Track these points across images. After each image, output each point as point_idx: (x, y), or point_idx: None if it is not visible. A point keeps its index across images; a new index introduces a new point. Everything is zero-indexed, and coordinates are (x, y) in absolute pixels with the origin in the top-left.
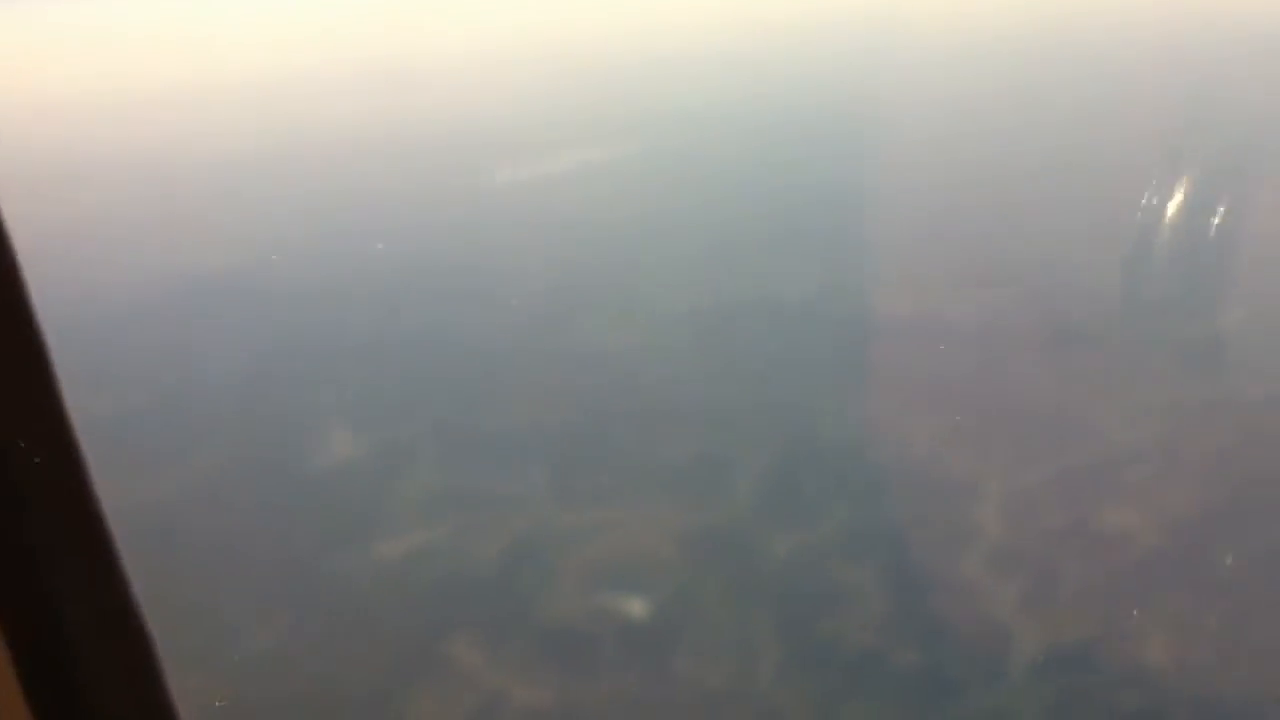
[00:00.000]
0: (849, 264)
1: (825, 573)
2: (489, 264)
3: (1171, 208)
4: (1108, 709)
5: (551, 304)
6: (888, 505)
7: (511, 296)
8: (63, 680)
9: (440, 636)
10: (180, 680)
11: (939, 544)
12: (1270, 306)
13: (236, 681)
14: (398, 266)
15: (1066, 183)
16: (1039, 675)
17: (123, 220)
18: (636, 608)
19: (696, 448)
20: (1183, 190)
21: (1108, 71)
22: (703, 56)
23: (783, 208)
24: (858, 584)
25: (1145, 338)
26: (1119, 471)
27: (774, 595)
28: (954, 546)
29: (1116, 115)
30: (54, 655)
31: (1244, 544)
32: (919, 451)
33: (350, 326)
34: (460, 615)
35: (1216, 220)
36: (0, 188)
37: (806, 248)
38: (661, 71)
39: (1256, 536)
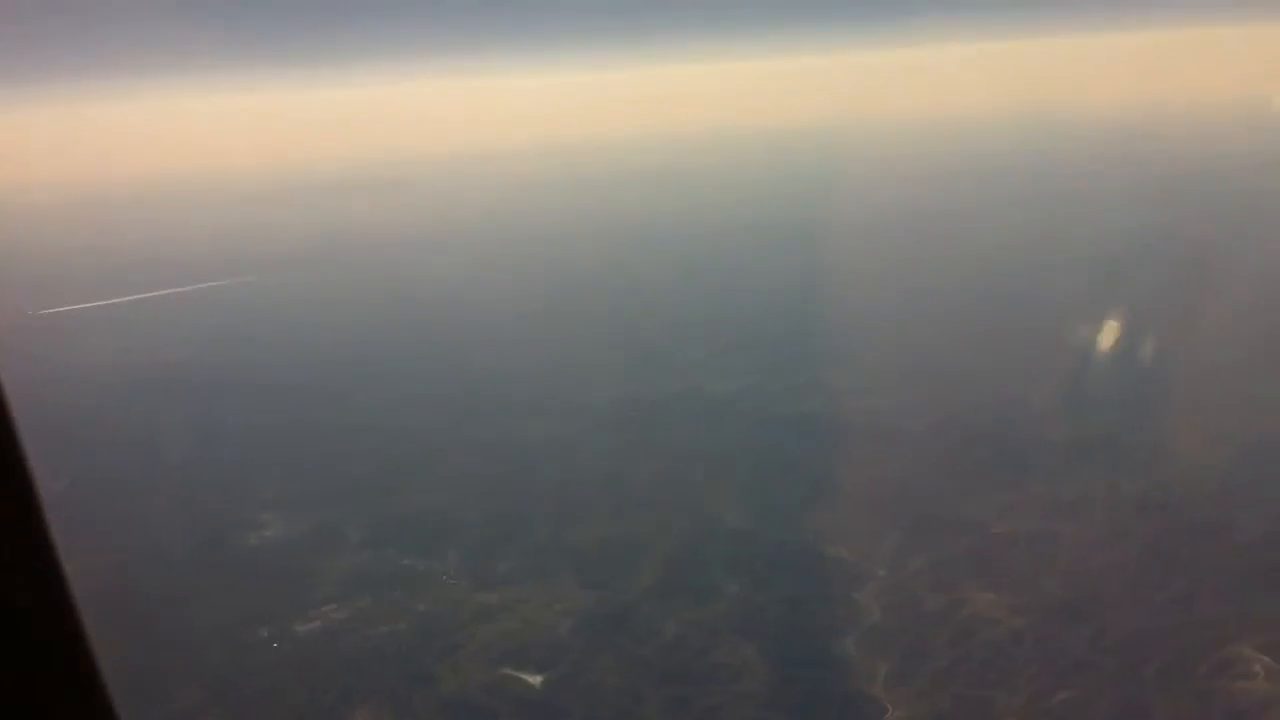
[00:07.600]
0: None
1: (712, 649)
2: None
3: (1083, 329)
4: None
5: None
6: (777, 588)
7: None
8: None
9: (351, 704)
10: None
11: (821, 624)
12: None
13: None
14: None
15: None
16: None
17: None
18: (537, 682)
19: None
20: (1104, 319)
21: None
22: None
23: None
24: (743, 660)
25: (1035, 440)
26: (993, 559)
27: (662, 671)
28: (835, 627)
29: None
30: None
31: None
32: (810, 539)
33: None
34: (370, 685)
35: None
36: None
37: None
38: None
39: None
